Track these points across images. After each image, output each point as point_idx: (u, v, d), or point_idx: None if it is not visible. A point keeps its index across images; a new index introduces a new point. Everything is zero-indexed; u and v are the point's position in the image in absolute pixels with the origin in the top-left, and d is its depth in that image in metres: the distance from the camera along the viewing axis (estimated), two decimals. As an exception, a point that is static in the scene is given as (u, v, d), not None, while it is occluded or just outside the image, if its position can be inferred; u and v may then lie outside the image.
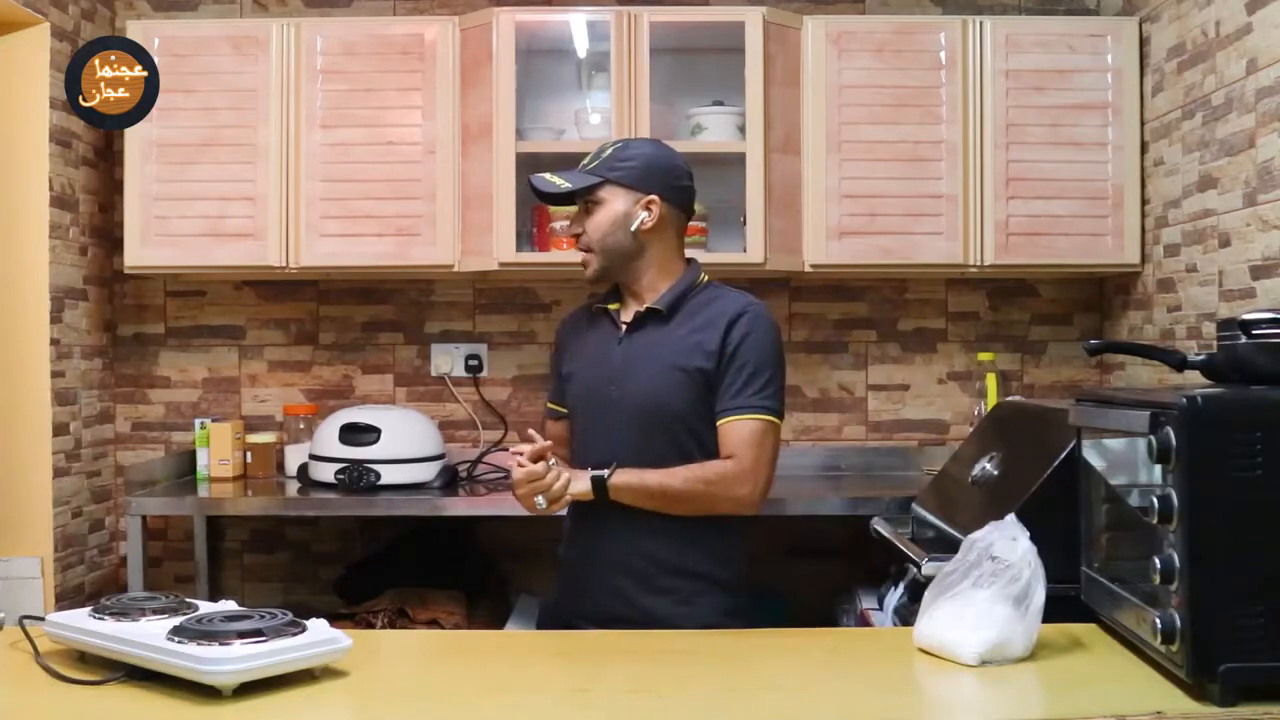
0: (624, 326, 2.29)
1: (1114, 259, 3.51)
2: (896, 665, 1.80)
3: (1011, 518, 1.81)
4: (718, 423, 2.20)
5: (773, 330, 2.25)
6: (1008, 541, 1.78)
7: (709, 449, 2.22)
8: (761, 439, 2.18)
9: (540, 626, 2.37)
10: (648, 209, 2.25)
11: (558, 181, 2.27)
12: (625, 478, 2.15)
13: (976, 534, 1.82)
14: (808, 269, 3.51)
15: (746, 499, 2.20)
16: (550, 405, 2.47)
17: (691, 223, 3.43)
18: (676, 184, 2.29)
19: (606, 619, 2.17)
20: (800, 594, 3.57)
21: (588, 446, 2.27)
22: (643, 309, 2.28)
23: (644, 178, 2.25)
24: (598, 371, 2.29)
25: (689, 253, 2.38)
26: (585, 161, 2.30)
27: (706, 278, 2.34)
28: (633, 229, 2.25)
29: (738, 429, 2.18)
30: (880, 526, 2.72)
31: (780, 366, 2.24)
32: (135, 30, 3.48)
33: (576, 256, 3.44)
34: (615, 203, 2.25)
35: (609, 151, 2.28)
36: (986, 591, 1.76)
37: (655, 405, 2.21)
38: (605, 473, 2.14)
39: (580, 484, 2.15)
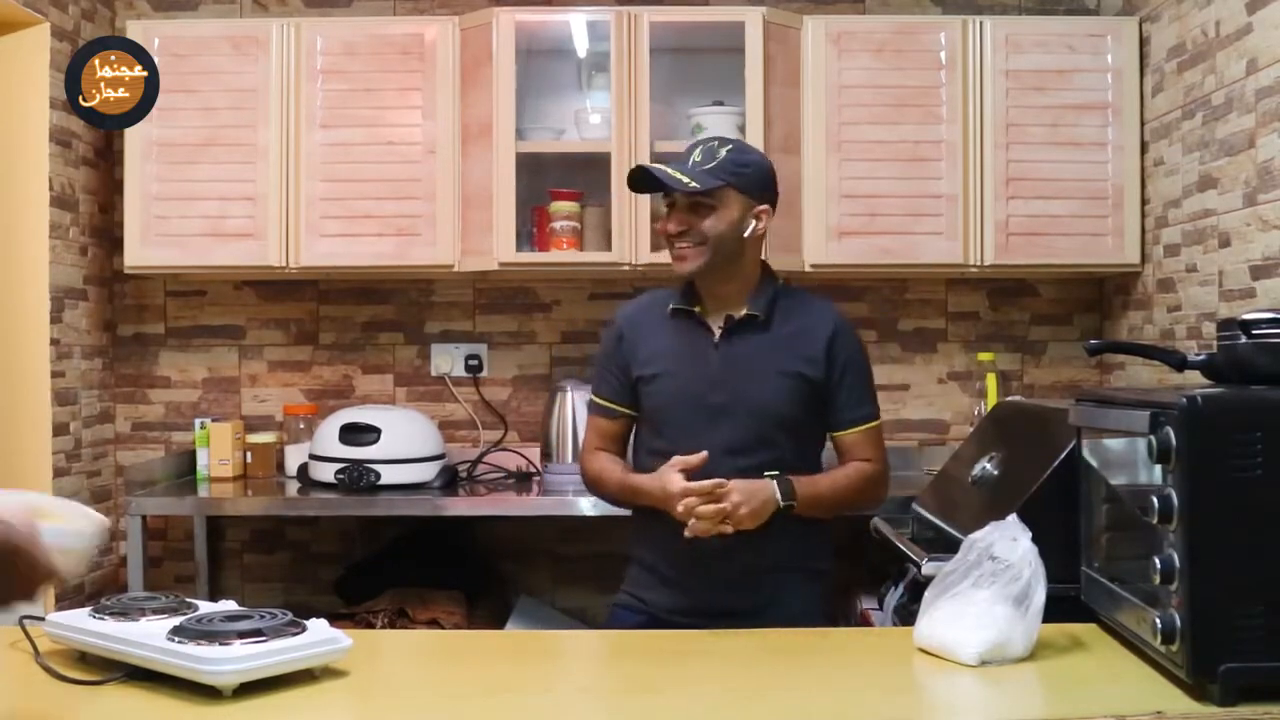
0: (718, 331, 2.28)
1: (1114, 259, 3.51)
2: (896, 665, 1.80)
3: (1012, 518, 1.81)
4: (843, 432, 2.31)
5: (859, 337, 2.37)
6: (1008, 542, 1.78)
7: (805, 451, 2.30)
8: (882, 440, 2.35)
9: (617, 625, 2.30)
10: (758, 218, 2.26)
11: (682, 179, 2.20)
12: (805, 493, 2.21)
13: (977, 534, 1.82)
14: (808, 269, 3.51)
15: (884, 497, 2.41)
16: (604, 403, 2.39)
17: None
18: (776, 194, 2.32)
19: (716, 614, 2.15)
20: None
21: (683, 451, 2.23)
22: (739, 315, 2.27)
23: (760, 187, 2.26)
24: (693, 376, 2.27)
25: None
26: (698, 158, 2.24)
27: (782, 280, 2.37)
28: (745, 235, 2.24)
29: (865, 436, 2.31)
30: (880, 526, 2.72)
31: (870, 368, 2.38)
32: (135, 30, 3.48)
33: (576, 256, 3.50)
34: (733, 208, 2.22)
35: (725, 154, 2.23)
36: (986, 591, 1.76)
37: (764, 411, 2.24)
38: (793, 502, 2.19)
39: (760, 509, 2.16)
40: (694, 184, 2.19)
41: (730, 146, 2.26)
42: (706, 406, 2.25)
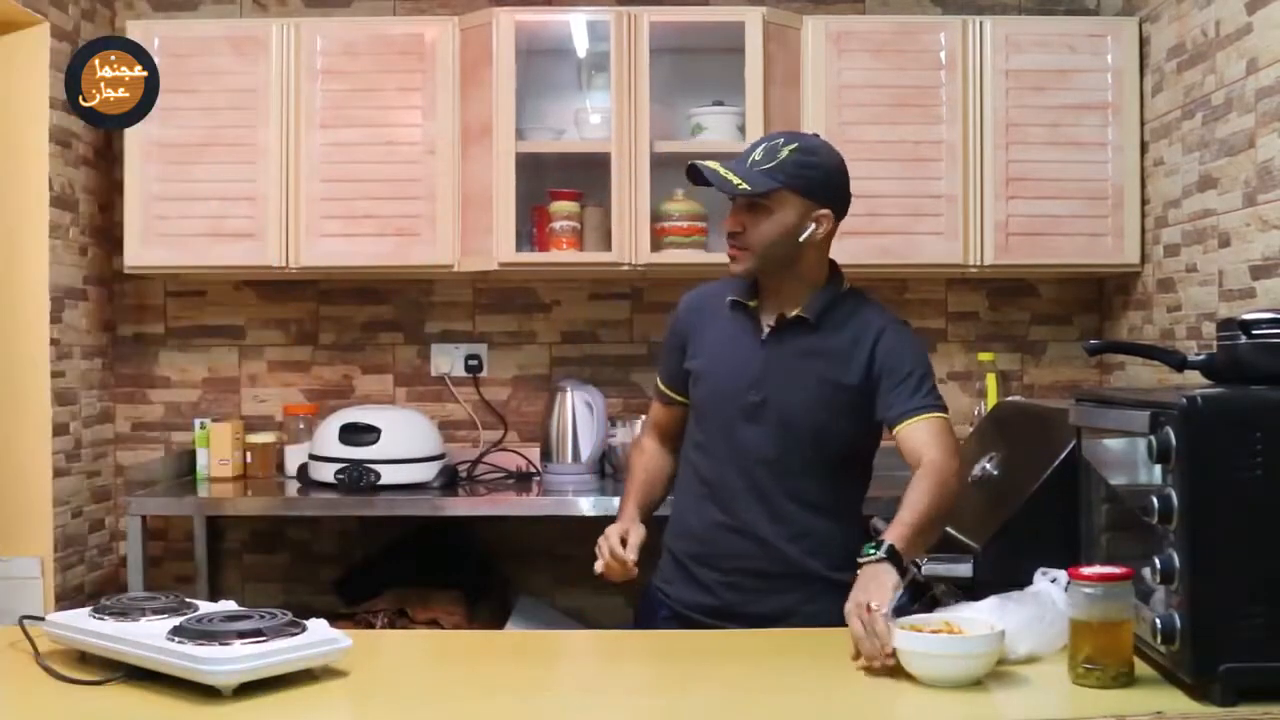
0: (767, 329, 2.21)
1: (1114, 259, 3.51)
2: (897, 666, 1.80)
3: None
4: (898, 427, 2.13)
5: (916, 337, 2.25)
6: (1047, 583, 1.83)
7: (845, 460, 2.22)
8: (947, 431, 2.13)
9: (643, 619, 2.25)
10: (818, 222, 2.14)
11: (735, 180, 2.09)
12: (902, 537, 1.97)
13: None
14: (808, 269, 3.50)
15: (955, 489, 2.12)
16: (664, 389, 2.37)
17: (692, 223, 3.49)
18: (846, 194, 2.20)
19: (738, 618, 2.14)
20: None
21: (719, 451, 2.21)
22: (790, 315, 2.18)
23: (823, 189, 2.14)
24: (735, 374, 2.21)
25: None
26: (757, 157, 2.12)
27: (848, 284, 2.28)
28: (801, 240, 2.13)
29: (922, 428, 2.11)
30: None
31: (932, 370, 2.21)
32: (135, 30, 3.48)
33: (575, 256, 3.50)
34: (788, 211, 2.11)
35: (786, 153, 2.11)
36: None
37: (799, 416, 2.17)
38: (884, 556, 1.94)
39: (885, 583, 1.89)
40: (744, 185, 2.09)
41: (795, 145, 2.13)
42: (742, 405, 2.19)
